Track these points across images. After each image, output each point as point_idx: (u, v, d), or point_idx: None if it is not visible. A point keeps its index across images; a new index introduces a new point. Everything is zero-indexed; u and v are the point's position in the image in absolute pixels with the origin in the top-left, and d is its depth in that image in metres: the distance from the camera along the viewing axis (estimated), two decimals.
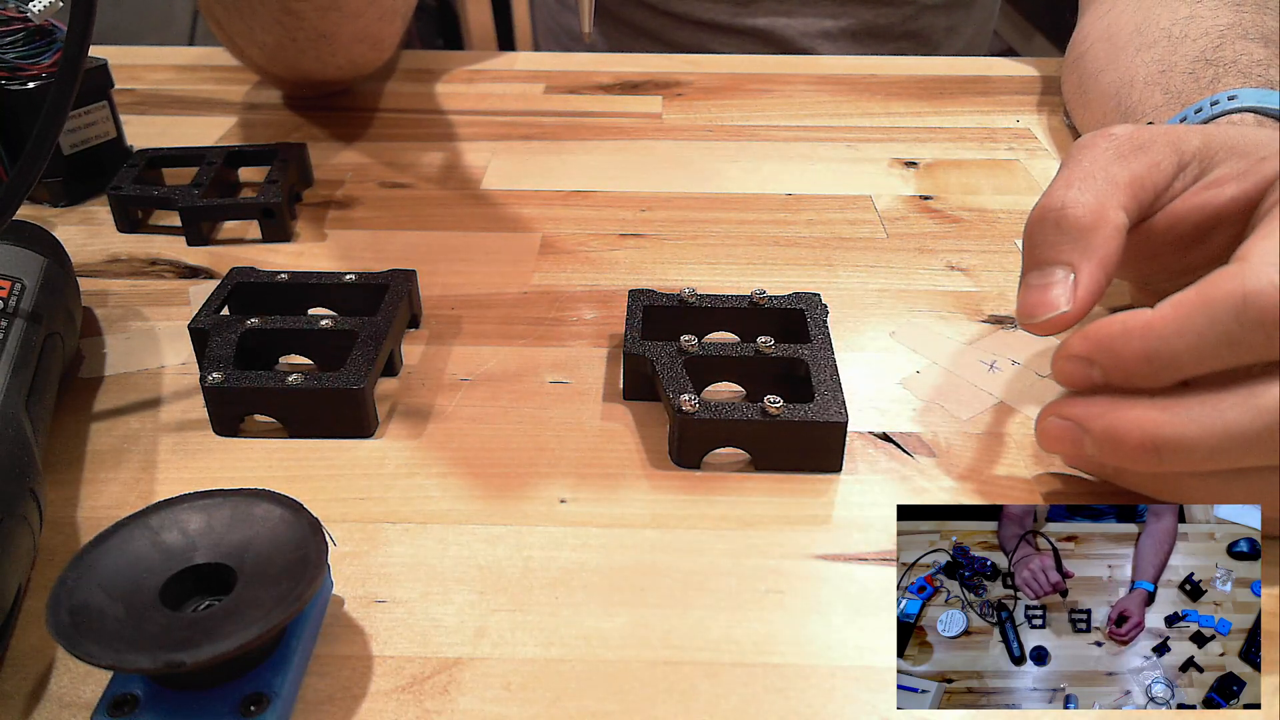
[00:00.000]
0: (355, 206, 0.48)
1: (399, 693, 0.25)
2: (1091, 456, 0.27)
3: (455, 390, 0.35)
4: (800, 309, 0.36)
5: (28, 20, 0.44)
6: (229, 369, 0.33)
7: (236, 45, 0.55)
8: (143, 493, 0.31)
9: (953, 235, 0.46)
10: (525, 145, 0.55)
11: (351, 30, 0.52)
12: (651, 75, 0.64)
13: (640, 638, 0.26)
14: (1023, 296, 0.29)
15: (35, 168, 0.30)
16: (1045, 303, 0.29)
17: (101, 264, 0.43)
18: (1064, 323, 0.29)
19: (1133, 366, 0.26)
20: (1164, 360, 0.25)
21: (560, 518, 0.30)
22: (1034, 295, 0.29)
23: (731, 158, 0.53)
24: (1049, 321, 0.29)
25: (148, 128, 0.56)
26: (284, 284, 0.38)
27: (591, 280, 0.42)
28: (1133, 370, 0.26)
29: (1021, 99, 0.61)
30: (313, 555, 0.24)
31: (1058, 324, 0.29)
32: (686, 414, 0.31)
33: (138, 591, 0.24)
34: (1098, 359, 0.26)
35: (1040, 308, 0.29)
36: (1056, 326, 0.29)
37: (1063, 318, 0.28)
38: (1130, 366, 0.26)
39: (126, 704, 0.23)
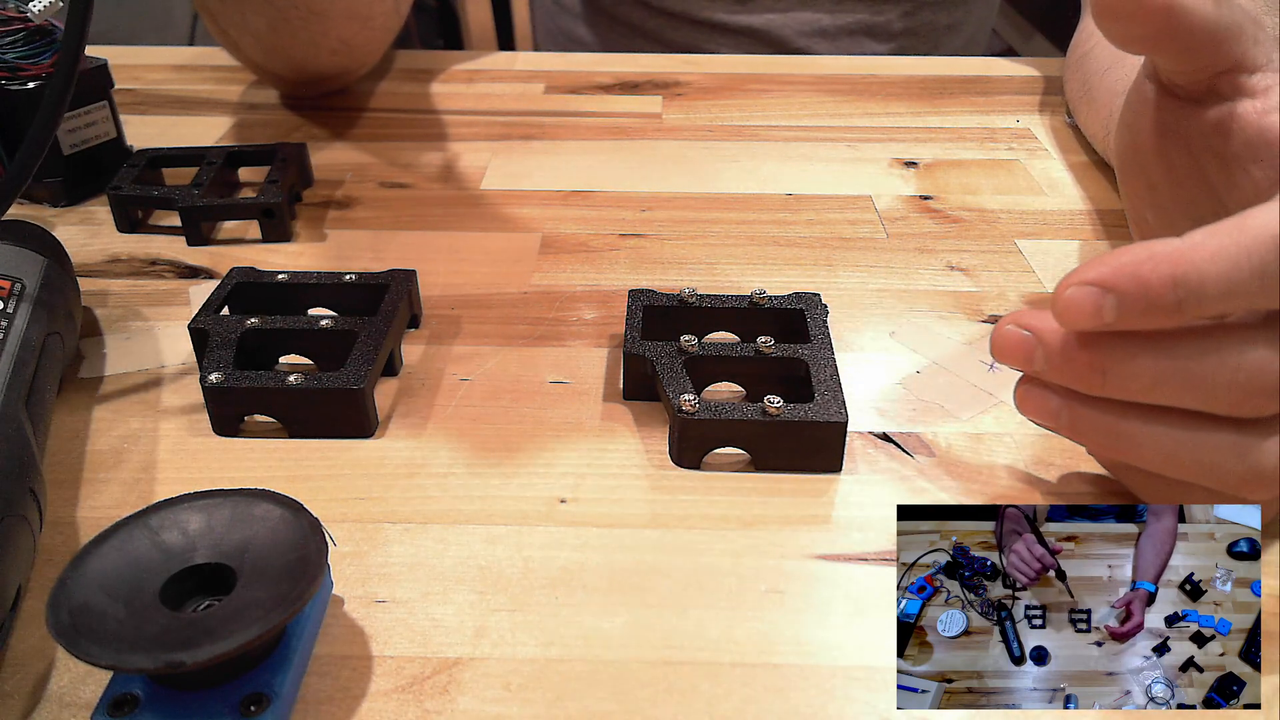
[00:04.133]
0: (355, 206, 0.48)
1: (399, 693, 0.25)
2: (1040, 370, 0.26)
3: (455, 390, 0.35)
4: (800, 309, 0.36)
5: (28, 20, 0.44)
6: (229, 369, 0.33)
7: (230, 38, 0.55)
8: (143, 493, 0.31)
9: (953, 235, 0.46)
10: (525, 145, 0.55)
11: (341, 6, 0.52)
12: (651, 75, 0.64)
13: (640, 638, 0.26)
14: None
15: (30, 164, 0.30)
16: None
17: (101, 264, 0.43)
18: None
19: (1157, 293, 0.24)
20: (1191, 288, 0.24)
21: (560, 518, 0.30)
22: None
23: (731, 158, 0.53)
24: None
25: (148, 128, 0.56)
26: (284, 284, 0.38)
27: (591, 280, 0.42)
28: (1155, 298, 0.24)
29: (1021, 99, 0.61)
30: (313, 555, 0.24)
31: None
32: (686, 414, 0.31)
33: (138, 591, 0.24)
34: (1117, 285, 0.24)
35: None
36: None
37: None
38: (1154, 294, 0.24)
39: (126, 704, 0.23)
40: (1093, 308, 0.24)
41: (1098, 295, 0.24)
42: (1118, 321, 0.24)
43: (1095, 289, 0.24)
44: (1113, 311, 0.24)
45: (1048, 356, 0.26)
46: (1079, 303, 0.25)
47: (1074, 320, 0.25)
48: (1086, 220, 0.47)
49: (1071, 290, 0.25)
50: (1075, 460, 0.32)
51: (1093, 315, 0.25)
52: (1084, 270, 0.25)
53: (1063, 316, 0.25)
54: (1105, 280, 0.24)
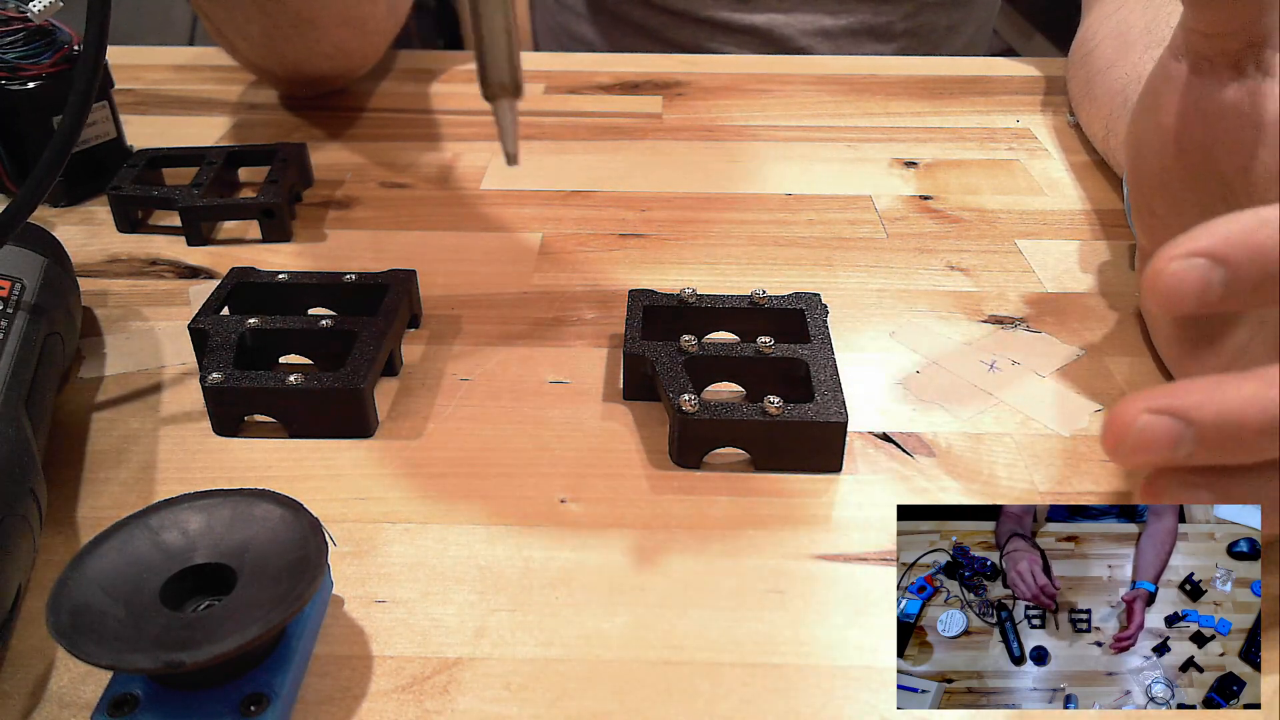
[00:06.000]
0: (355, 206, 0.48)
1: (399, 693, 0.25)
2: (1187, 457, 0.22)
3: (455, 390, 0.35)
4: (800, 309, 0.36)
5: (28, 20, 0.44)
6: (229, 369, 0.33)
7: (227, 39, 0.55)
8: (143, 493, 0.31)
9: (953, 235, 0.46)
10: (525, 145, 0.54)
11: (334, 13, 0.52)
12: (651, 75, 0.64)
13: (640, 638, 0.26)
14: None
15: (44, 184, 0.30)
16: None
17: (101, 264, 0.43)
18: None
19: (1275, 260, 0.21)
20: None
21: (560, 518, 0.30)
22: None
23: (731, 158, 0.53)
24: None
25: (148, 128, 0.56)
26: (284, 284, 0.38)
27: (591, 280, 0.42)
28: (1272, 266, 0.21)
29: (1021, 99, 0.61)
30: (313, 555, 0.24)
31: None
32: (686, 414, 0.31)
33: (138, 591, 0.24)
34: (1228, 255, 0.21)
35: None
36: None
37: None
38: (1271, 261, 0.21)
39: (126, 704, 0.23)
40: (1200, 283, 0.22)
41: (1205, 269, 0.21)
42: (1226, 298, 0.22)
43: (1203, 260, 0.21)
44: (1221, 287, 0.21)
45: (1200, 438, 0.21)
46: (1183, 278, 0.21)
47: (1176, 302, 0.22)
48: (1086, 220, 0.47)
49: (1176, 264, 0.22)
50: (1075, 460, 0.32)
51: (1200, 292, 0.22)
52: (1184, 242, 0.22)
53: (1163, 295, 0.22)
54: (1215, 251, 0.21)
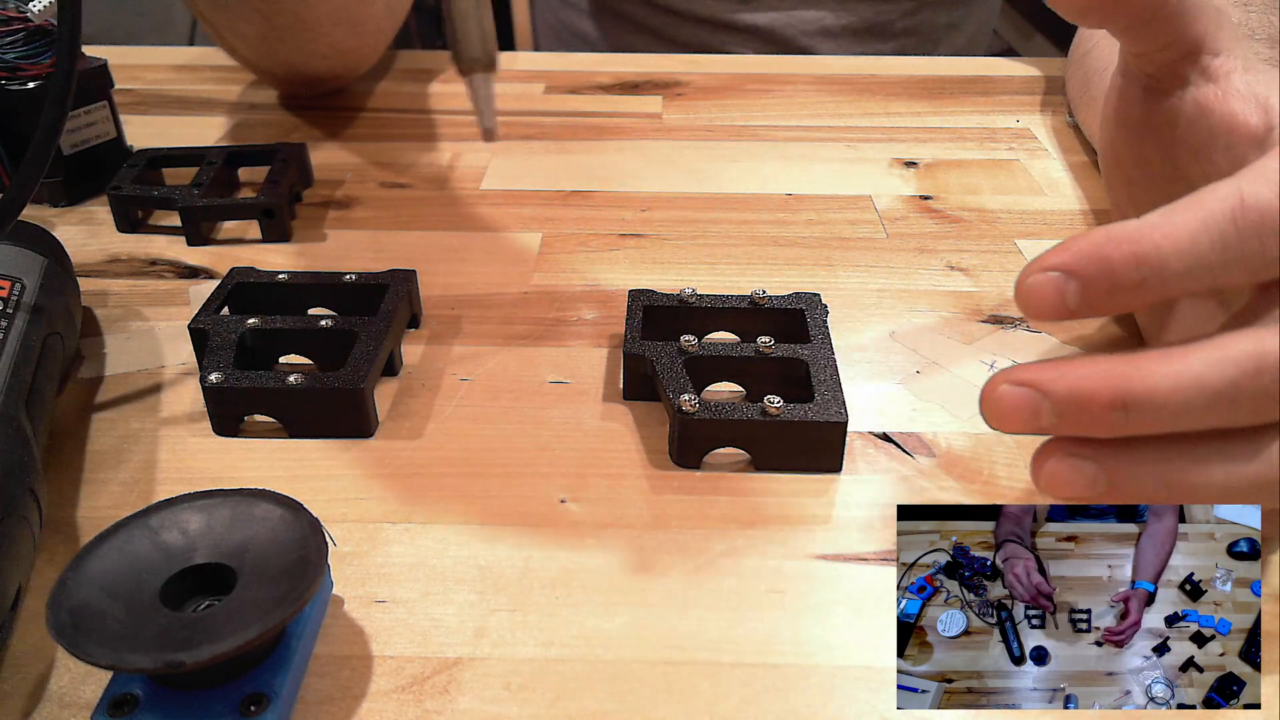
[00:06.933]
0: (355, 206, 0.48)
1: (399, 693, 0.25)
2: (1048, 426, 0.24)
3: (455, 390, 0.35)
4: (800, 309, 0.36)
5: (28, 20, 0.44)
6: (229, 369, 0.33)
7: (224, 38, 0.55)
8: (143, 493, 0.31)
9: (953, 235, 0.46)
10: (525, 145, 0.55)
11: (329, 14, 0.52)
12: (651, 75, 0.64)
13: (640, 638, 0.26)
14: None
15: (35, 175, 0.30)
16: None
17: (101, 264, 0.43)
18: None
19: (1120, 272, 0.23)
20: (1153, 266, 0.23)
21: (560, 518, 0.30)
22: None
23: (731, 158, 0.53)
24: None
25: (148, 128, 0.56)
26: (284, 284, 0.38)
27: (591, 280, 0.42)
28: (1119, 278, 0.23)
29: (1021, 99, 0.61)
30: (313, 555, 0.24)
31: None
32: (686, 414, 0.31)
33: (138, 591, 0.24)
34: (1079, 269, 0.24)
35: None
36: None
37: None
38: (1117, 273, 0.23)
39: (126, 704, 0.23)
40: (1055, 294, 0.24)
41: (1060, 281, 0.24)
42: (1081, 307, 0.24)
43: (1058, 274, 0.24)
44: (1076, 296, 0.24)
45: (1056, 407, 0.23)
46: (1041, 289, 0.24)
47: (1038, 309, 0.24)
48: (1086, 220, 0.47)
49: (1033, 278, 0.24)
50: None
51: (1056, 302, 0.24)
52: (1044, 258, 0.24)
53: (1026, 305, 0.24)
54: (1066, 265, 0.23)
